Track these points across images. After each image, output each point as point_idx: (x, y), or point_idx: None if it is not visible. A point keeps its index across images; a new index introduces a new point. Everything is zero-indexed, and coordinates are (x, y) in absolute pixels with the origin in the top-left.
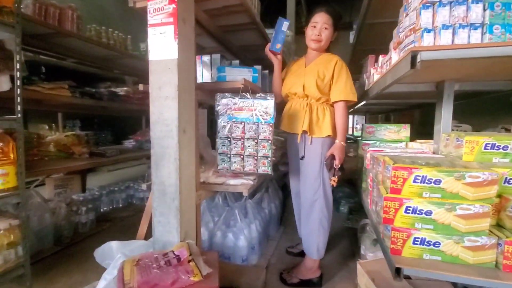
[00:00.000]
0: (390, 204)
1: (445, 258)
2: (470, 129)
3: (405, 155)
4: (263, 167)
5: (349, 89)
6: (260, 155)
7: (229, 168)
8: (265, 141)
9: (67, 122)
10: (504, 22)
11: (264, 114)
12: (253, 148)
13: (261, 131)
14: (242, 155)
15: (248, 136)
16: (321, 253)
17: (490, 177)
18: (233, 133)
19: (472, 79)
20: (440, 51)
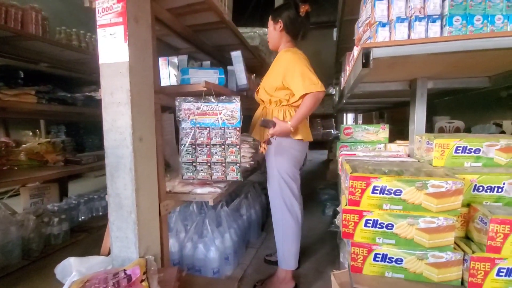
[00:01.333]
0: (349, 217)
1: (409, 276)
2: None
3: (376, 160)
4: (232, 173)
5: (308, 80)
6: (228, 161)
7: (196, 177)
8: (233, 146)
9: (52, 128)
10: (465, 13)
11: (230, 118)
12: (221, 155)
13: (228, 136)
14: (209, 162)
15: (214, 142)
16: (290, 264)
17: (455, 187)
18: (197, 139)
19: (444, 77)
20: (394, 47)
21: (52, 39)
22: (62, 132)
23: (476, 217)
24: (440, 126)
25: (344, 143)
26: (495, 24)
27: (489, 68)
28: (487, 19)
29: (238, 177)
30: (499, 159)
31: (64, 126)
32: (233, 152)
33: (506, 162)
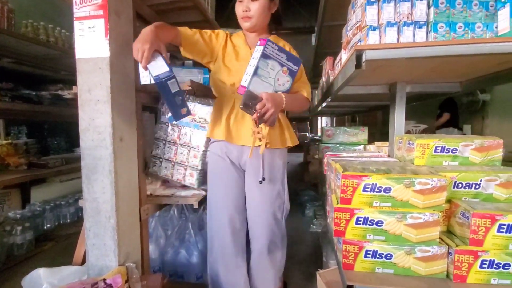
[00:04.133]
0: (340, 215)
1: (398, 271)
2: (427, 127)
3: (360, 160)
4: (190, 179)
5: (308, 85)
6: (189, 165)
7: (158, 173)
8: (197, 150)
9: (12, 128)
10: (448, 20)
11: (203, 121)
12: (185, 156)
13: (195, 139)
14: (173, 162)
15: (182, 142)
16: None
17: (439, 183)
18: (168, 136)
19: (422, 81)
20: (385, 50)
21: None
22: (23, 133)
23: (458, 212)
24: (407, 129)
25: (326, 144)
26: (475, 32)
27: (462, 74)
28: (468, 27)
29: (195, 184)
30: (474, 158)
31: (26, 127)
32: (196, 156)
33: (480, 161)
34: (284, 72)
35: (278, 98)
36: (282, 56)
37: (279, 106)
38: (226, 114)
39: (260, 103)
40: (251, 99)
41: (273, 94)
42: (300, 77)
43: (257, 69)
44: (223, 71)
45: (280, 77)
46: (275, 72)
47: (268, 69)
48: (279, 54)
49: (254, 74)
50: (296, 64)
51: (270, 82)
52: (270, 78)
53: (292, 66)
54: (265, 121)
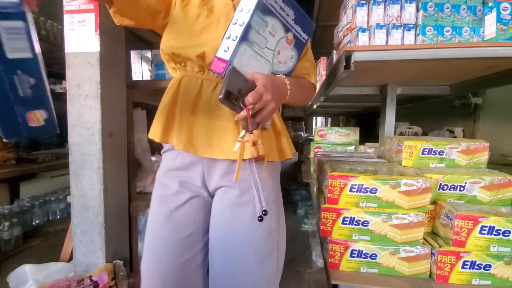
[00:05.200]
0: (327, 215)
1: (382, 271)
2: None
3: (350, 160)
4: None
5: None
6: None
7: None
8: None
9: None
10: (436, 24)
11: None
12: None
13: None
14: None
15: None
16: None
17: (424, 185)
18: None
19: (412, 83)
20: (374, 51)
21: None
22: None
23: (442, 214)
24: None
25: (318, 144)
26: (463, 36)
27: (451, 77)
28: (456, 31)
29: None
30: (460, 160)
31: None
32: None
33: (466, 163)
34: (288, 41)
35: (281, 84)
36: (289, 13)
37: (282, 98)
38: (187, 106)
39: (254, 93)
40: (237, 83)
41: (273, 78)
42: (306, 53)
43: (248, 30)
44: (184, 33)
45: (282, 50)
46: (276, 40)
47: (265, 33)
48: (284, 9)
49: (243, 39)
50: (307, 30)
51: (268, 57)
52: (267, 50)
53: (301, 33)
54: (260, 122)
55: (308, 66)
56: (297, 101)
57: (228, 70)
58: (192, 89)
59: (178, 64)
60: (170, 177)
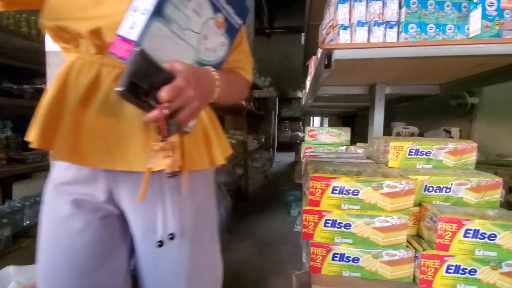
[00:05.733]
0: (309, 217)
1: (364, 275)
2: (416, 131)
3: (337, 161)
4: None
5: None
6: None
7: None
8: None
9: None
10: (420, 21)
11: None
12: None
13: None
14: None
15: None
16: None
17: (407, 187)
18: None
19: (401, 83)
20: (354, 50)
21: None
22: (8, 127)
23: (427, 216)
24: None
25: (309, 144)
26: (446, 33)
27: (440, 77)
28: (439, 28)
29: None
30: (448, 161)
31: (11, 122)
32: None
33: (453, 164)
34: (218, 24)
35: (208, 78)
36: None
37: (208, 95)
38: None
39: (171, 87)
40: (147, 73)
41: (198, 70)
42: (240, 43)
43: (163, 1)
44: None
45: (210, 34)
46: (202, 21)
47: (187, 10)
48: None
49: (156, 13)
50: (241, 14)
51: (191, 41)
52: (190, 32)
53: (234, 16)
54: (180, 125)
55: (243, 59)
56: (227, 99)
57: (134, 54)
58: (85, 77)
59: (69, 43)
60: (60, 194)
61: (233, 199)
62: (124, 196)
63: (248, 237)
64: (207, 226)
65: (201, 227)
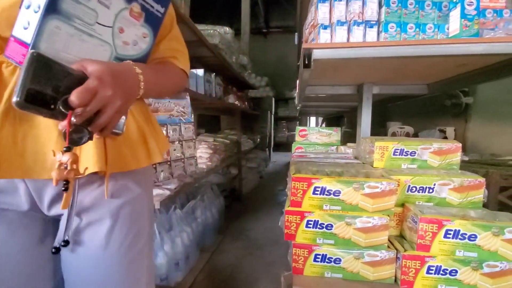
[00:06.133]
0: (291, 218)
1: (346, 276)
2: (412, 130)
3: (324, 161)
4: (191, 167)
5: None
6: (187, 156)
7: (158, 178)
8: (190, 141)
9: None
10: (400, 21)
11: (182, 114)
12: (180, 151)
13: (184, 131)
14: (169, 161)
15: (172, 139)
16: None
17: (389, 187)
18: None
19: (389, 83)
20: (333, 49)
21: None
22: None
23: (409, 217)
24: (393, 131)
25: (299, 144)
26: (426, 33)
27: (427, 76)
28: (419, 28)
29: (197, 169)
30: (432, 161)
31: None
32: (190, 146)
33: (438, 164)
34: (134, 15)
35: (128, 74)
36: None
37: (132, 92)
38: None
39: (81, 90)
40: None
41: (114, 66)
42: (170, 30)
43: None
44: None
45: (126, 26)
46: (113, 14)
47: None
48: None
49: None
50: (163, 0)
51: (103, 36)
52: (101, 27)
53: (153, 3)
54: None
55: (175, 47)
56: (160, 92)
57: (28, 58)
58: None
59: None
60: None
61: (227, 199)
62: (48, 203)
63: (240, 238)
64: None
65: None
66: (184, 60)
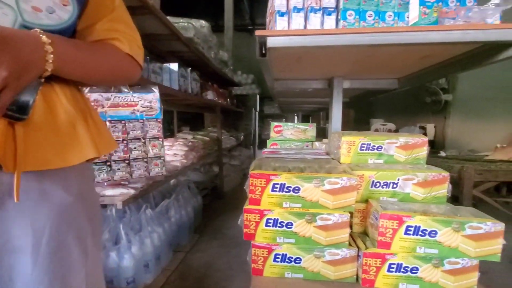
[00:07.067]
0: (250, 216)
1: (307, 276)
2: (393, 127)
3: (292, 157)
4: (156, 168)
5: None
6: (150, 156)
7: (112, 177)
8: (155, 139)
9: None
10: (359, 8)
11: (149, 109)
12: (141, 150)
13: (149, 128)
14: (128, 159)
15: (132, 136)
16: None
17: (349, 183)
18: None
19: (359, 77)
20: (288, 37)
21: None
22: None
23: (371, 213)
24: (375, 127)
25: (274, 141)
26: (386, 21)
27: (396, 70)
28: (379, 16)
29: (164, 171)
30: (399, 156)
31: None
32: (155, 145)
33: (404, 159)
34: None
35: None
36: None
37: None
38: None
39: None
40: None
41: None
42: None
43: None
44: None
45: None
46: None
47: None
48: None
49: None
50: None
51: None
52: None
53: None
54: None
55: (119, 28)
56: (91, 75)
57: None
58: None
59: None
60: None
61: (208, 197)
62: None
63: (217, 237)
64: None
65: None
66: (130, 44)
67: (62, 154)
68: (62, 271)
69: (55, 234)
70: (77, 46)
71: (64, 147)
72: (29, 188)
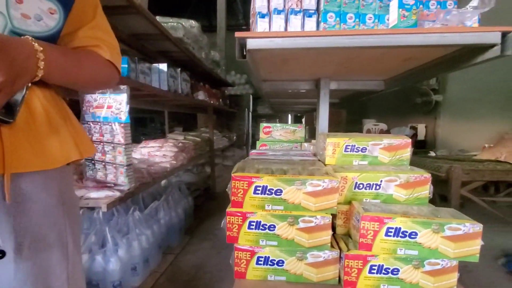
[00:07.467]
0: (232, 219)
1: (290, 278)
2: (385, 127)
3: (280, 158)
4: (121, 177)
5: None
6: (117, 162)
7: (95, 176)
8: (120, 146)
9: None
10: (339, 10)
11: (119, 112)
12: (112, 154)
13: (116, 133)
14: (104, 161)
15: (106, 139)
16: None
17: (331, 185)
18: (93, 135)
19: (346, 78)
20: (268, 39)
21: None
22: None
23: (354, 215)
24: (368, 128)
25: (264, 141)
26: (366, 23)
27: (381, 72)
28: (359, 18)
29: (126, 182)
30: (383, 157)
31: None
32: (120, 152)
33: (388, 160)
34: None
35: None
36: None
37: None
38: None
39: None
40: None
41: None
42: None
43: None
44: None
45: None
46: None
47: None
48: None
49: None
50: None
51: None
52: None
53: None
54: None
55: (99, 35)
56: (75, 81)
57: None
58: None
59: None
60: None
61: (200, 198)
62: None
63: (208, 238)
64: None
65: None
66: (111, 51)
67: (46, 156)
68: (44, 275)
69: (36, 236)
70: (64, 53)
71: (48, 149)
72: (12, 190)
